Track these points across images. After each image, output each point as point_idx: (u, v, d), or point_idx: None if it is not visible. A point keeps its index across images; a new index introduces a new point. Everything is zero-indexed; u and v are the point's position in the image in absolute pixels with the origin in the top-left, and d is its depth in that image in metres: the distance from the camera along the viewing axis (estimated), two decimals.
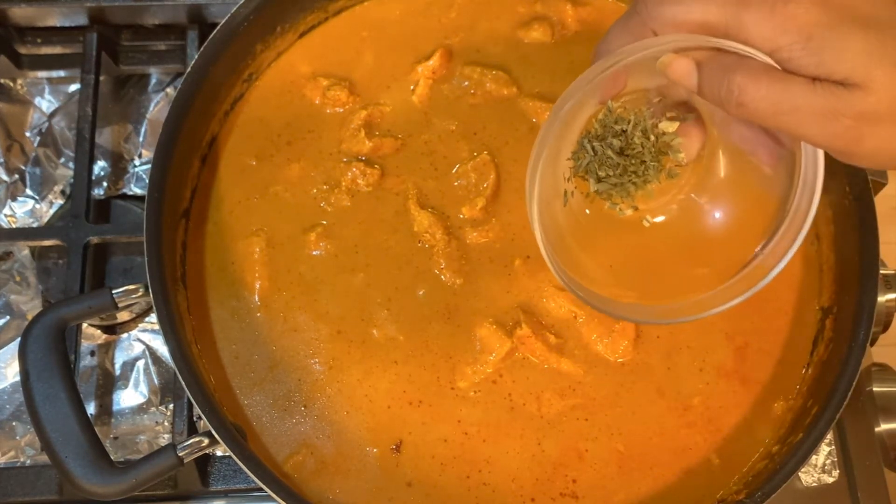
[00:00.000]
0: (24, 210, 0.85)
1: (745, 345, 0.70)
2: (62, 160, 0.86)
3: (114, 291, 0.64)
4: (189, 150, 0.72)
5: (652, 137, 0.56)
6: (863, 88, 0.42)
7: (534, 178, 0.52)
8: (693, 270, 0.61)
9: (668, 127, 0.56)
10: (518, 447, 0.67)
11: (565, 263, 0.57)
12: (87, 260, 0.76)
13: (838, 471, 0.73)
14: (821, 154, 0.51)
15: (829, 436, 0.74)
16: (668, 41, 0.48)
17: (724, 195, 0.60)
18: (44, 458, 0.72)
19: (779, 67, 0.45)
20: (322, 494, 0.65)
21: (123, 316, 0.79)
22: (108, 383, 0.78)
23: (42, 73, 0.88)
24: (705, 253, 0.61)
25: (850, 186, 0.70)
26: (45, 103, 0.88)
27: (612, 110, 0.55)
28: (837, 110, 0.42)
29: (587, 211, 0.61)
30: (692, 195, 0.61)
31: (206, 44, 0.71)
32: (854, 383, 0.64)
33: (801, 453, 0.63)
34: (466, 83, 0.77)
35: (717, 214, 0.61)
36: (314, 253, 0.72)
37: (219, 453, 0.73)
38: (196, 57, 0.71)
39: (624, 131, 0.55)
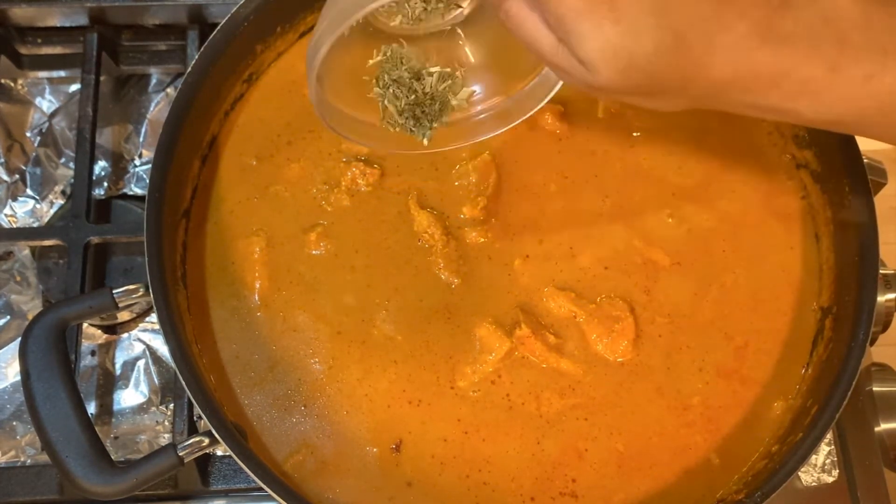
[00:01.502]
0: (24, 210, 0.85)
1: (745, 344, 0.70)
2: (62, 160, 0.87)
3: (114, 291, 0.64)
4: (189, 150, 0.72)
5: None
6: (591, 73, 0.46)
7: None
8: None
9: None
10: (518, 447, 0.67)
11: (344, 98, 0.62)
12: (87, 260, 0.76)
13: (838, 471, 0.74)
14: None
15: (829, 436, 0.74)
16: None
17: (491, 39, 0.64)
18: (44, 458, 0.72)
19: None
20: (322, 494, 0.65)
21: (124, 316, 0.79)
22: (108, 383, 0.78)
23: (42, 73, 0.88)
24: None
25: (850, 186, 0.70)
26: (46, 103, 0.88)
27: None
28: (571, 74, 0.48)
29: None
30: (463, 27, 0.64)
31: (206, 44, 0.71)
32: (854, 383, 0.63)
33: (800, 453, 0.63)
34: None
35: (481, 53, 0.64)
36: (314, 252, 0.72)
37: (219, 453, 0.74)
38: (196, 57, 0.71)
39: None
